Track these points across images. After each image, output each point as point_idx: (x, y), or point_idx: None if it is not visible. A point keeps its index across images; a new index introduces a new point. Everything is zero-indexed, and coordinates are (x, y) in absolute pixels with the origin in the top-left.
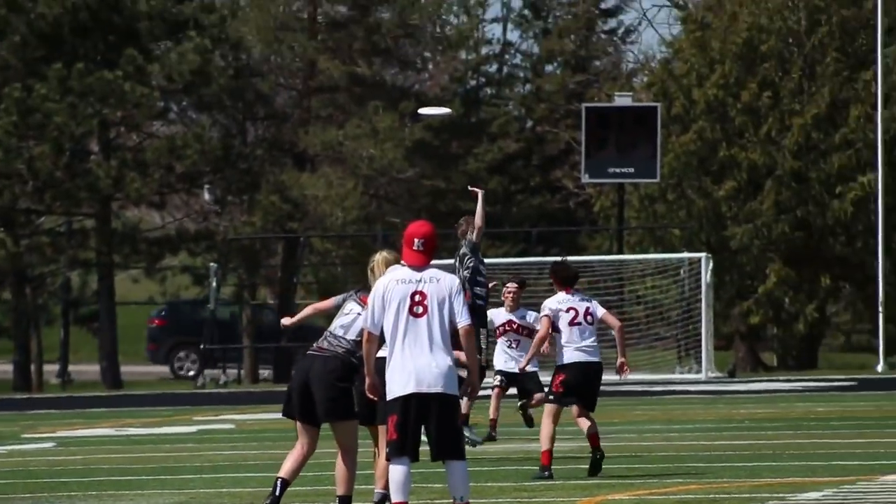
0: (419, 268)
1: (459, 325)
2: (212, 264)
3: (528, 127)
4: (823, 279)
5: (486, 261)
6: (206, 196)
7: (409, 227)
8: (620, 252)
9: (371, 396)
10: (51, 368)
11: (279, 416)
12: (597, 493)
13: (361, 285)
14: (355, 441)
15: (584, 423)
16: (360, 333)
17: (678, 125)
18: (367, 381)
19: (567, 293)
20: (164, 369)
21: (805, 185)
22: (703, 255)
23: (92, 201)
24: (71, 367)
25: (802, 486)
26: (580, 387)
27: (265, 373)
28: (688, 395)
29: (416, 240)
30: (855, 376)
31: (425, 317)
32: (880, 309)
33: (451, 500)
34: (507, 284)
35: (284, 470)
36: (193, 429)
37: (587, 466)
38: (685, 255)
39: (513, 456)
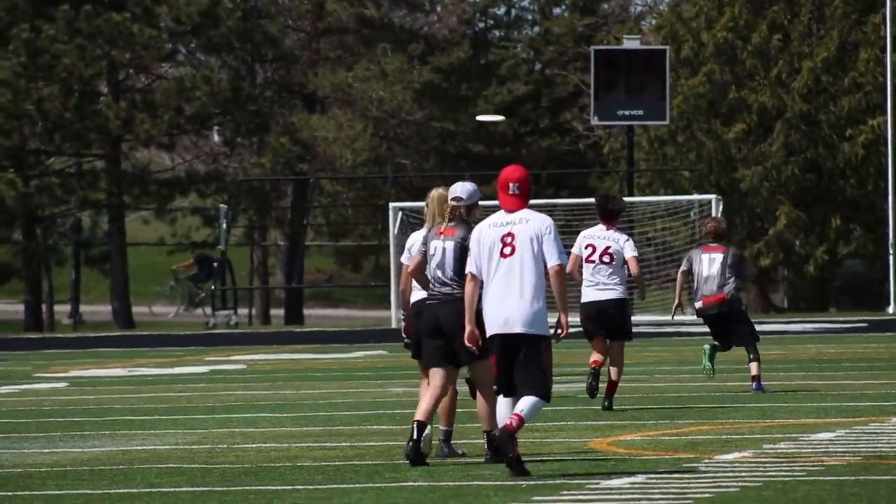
0: (513, 211)
1: (549, 265)
2: (222, 206)
3: (537, 69)
4: (834, 221)
5: (497, 202)
6: (216, 138)
7: (503, 171)
8: (631, 194)
9: (469, 345)
10: (62, 309)
11: (291, 356)
12: (608, 434)
13: (428, 226)
14: (492, 376)
15: (611, 369)
16: (454, 266)
17: (687, 68)
18: (468, 328)
19: (607, 228)
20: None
21: (815, 127)
22: (713, 196)
23: (101, 142)
24: (82, 308)
25: (814, 426)
26: (592, 325)
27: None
28: (699, 336)
29: (510, 184)
30: (866, 318)
31: (514, 257)
32: (891, 251)
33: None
34: None
35: (421, 412)
36: (205, 369)
37: (600, 408)
38: (695, 196)
39: None
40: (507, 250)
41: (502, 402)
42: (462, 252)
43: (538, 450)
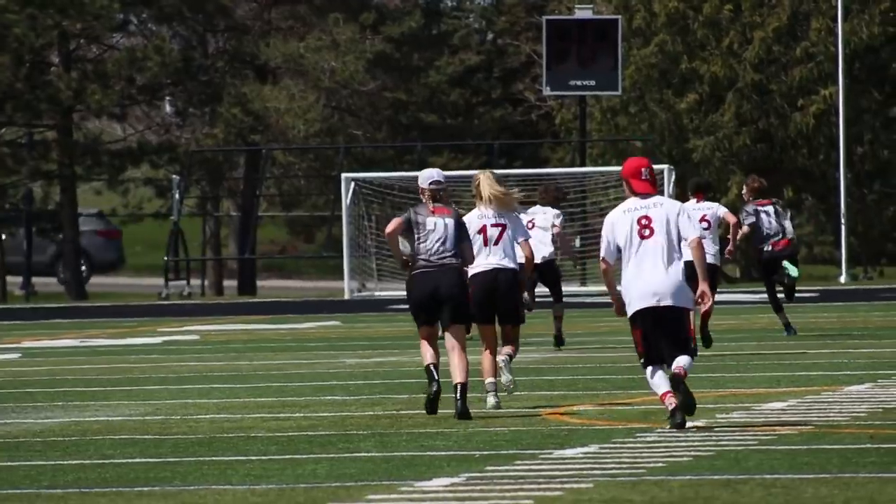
0: (645, 195)
1: (689, 239)
2: (174, 177)
3: (489, 39)
4: (786, 191)
5: (447, 173)
6: (167, 108)
7: (631, 161)
8: (583, 164)
9: (619, 315)
10: (14, 280)
11: (244, 326)
12: (561, 404)
13: (416, 204)
14: (463, 338)
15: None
16: (456, 243)
17: (639, 38)
18: (615, 305)
19: (697, 201)
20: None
21: (767, 97)
22: (665, 167)
23: (53, 113)
24: (35, 279)
25: (766, 396)
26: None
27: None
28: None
29: (643, 169)
30: (817, 287)
31: (652, 238)
32: (842, 221)
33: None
34: None
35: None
36: (158, 340)
37: (554, 378)
38: None
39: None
40: (647, 232)
41: (657, 374)
42: (460, 227)
43: (492, 421)
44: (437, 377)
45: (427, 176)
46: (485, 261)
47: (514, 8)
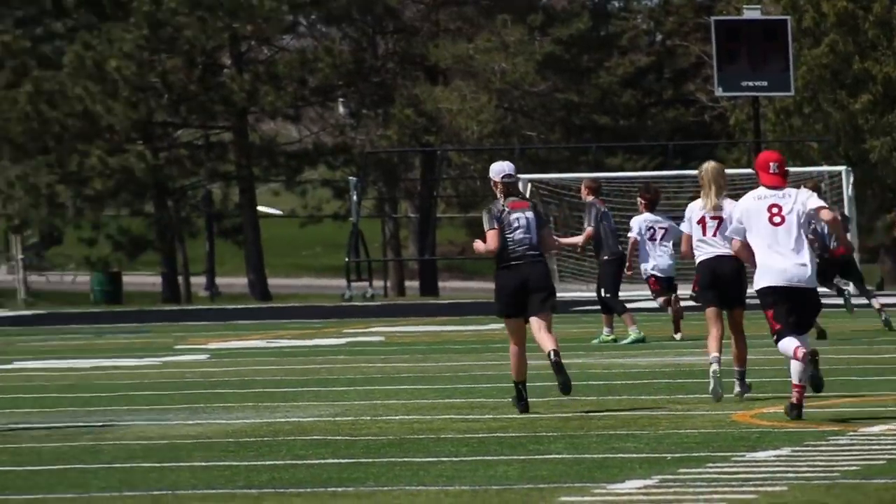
0: (775, 187)
1: (825, 218)
2: (351, 178)
3: (658, 40)
4: None
5: (623, 174)
6: (341, 110)
7: (762, 154)
8: None
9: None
10: (198, 281)
11: (428, 328)
12: (752, 407)
13: (492, 203)
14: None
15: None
16: (537, 233)
17: (809, 38)
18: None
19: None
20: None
21: None
22: (843, 168)
23: (227, 115)
24: (218, 280)
25: None
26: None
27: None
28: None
29: (771, 164)
30: None
31: (784, 225)
32: None
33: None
34: None
35: (519, 374)
36: (343, 341)
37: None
38: (825, 168)
39: (664, 369)
40: (777, 220)
41: (788, 339)
42: (539, 217)
43: (682, 423)
44: (525, 397)
45: (499, 169)
46: (708, 249)
47: (682, 9)
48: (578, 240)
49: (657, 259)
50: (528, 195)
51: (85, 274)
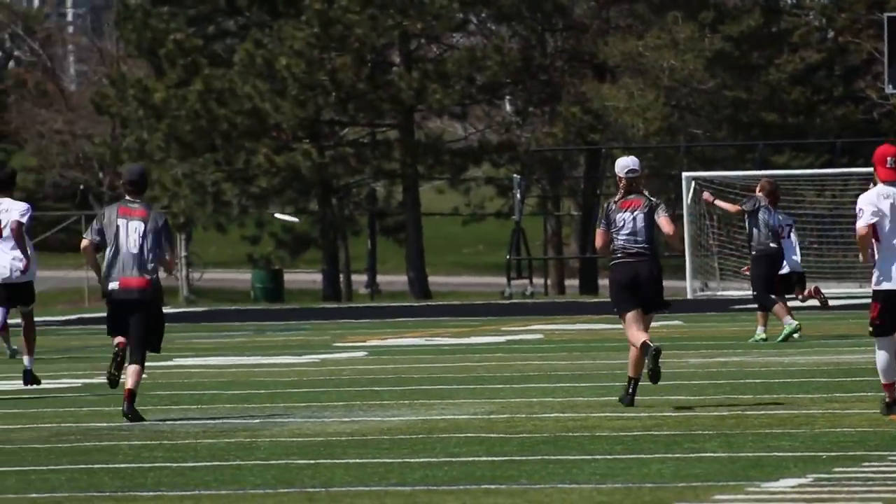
0: (889, 182)
1: None
2: (515, 176)
3: (830, 37)
4: None
5: (791, 172)
6: (508, 107)
7: (881, 148)
8: None
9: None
10: (359, 279)
11: (587, 326)
12: None
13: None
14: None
15: None
16: (646, 234)
17: None
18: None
19: None
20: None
21: None
22: None
23: (395, 112)
24: (378, 278)
25: None
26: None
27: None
28: None
29: (889, 158)
30: None
31: None
32: None
33: None
34: None
35: (636, 369)
36: (502, 339)
37: None
38: None
39: (823, 367)
40: None
41: (884, 356)
42: (651, 219)
43: (839, 421)
44: (633, 392)
45: (623, 165)
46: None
47: (855, 5)
48: (729, 207)
49: (787, 256)
50: (691, 193)
51: (215, 271)
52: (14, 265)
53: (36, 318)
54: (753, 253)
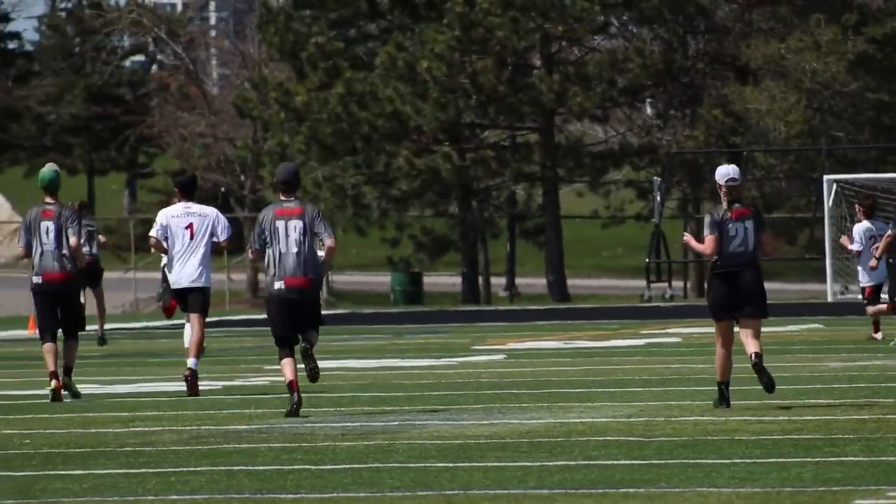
0: None
1: None
2: (655, 178)
3: None
4: None
5: None
6: (649, 110)
7: None
8: None
9: None
10: (498, 281)
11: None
12: None
13: (714, 208)
14: None
15: None
16: (753, 242)
17: None
18: None
19: None
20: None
21: None
22: None
23: (535, 115)
24: (517, 281)
25: None
26: None
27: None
28: None
29: None
30: None
31: None
32: None
33: None
34: None
35: (724, 375)
36: (641, 342)
37: None
38: None
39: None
40: None
41: None
42: (759, 224)
43: None
44: (727, 396)
45: (724, 173)
46: None
47: None
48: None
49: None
50: (832, 196)
51: (354, 274)
52: (194, 273)
53: (176, 322)
54: (890, 260)
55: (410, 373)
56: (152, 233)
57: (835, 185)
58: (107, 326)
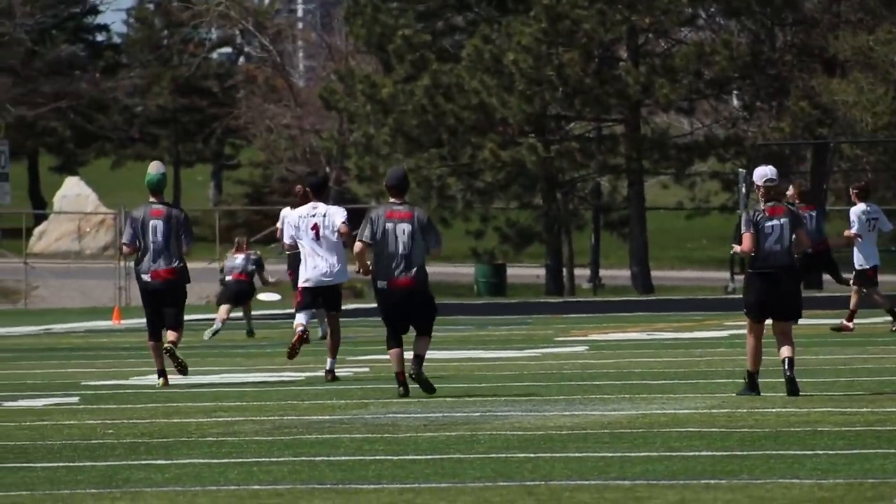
0: None
1: None
2: (741, 170)
3: None
4: None
5: None
6: (735, 102)
7: None
8: None
9: None
10: (581, 273)
11: (808, 321)
12: None
13: (753, 205)
14: None
15: None
16: (789, 240)
17: None
18: None
19: None
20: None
21: None
22: None
23: (621, 107)
24: (601, 272)
25: None
26: None
27: None
28: None
29: None
30: None
31: None
32: None
33: None
34: None
35: (755, 365)
36: (724, 333)
37: None
38: None
39: None
40: None
41: None
42: (794, 222)
43: None
44: (756, 383)
45: (762, 174)
46: None
47: None
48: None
49: (874, 251)
50: None
51: (439, 265)
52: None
53: (263, 312)
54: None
55: (493, 364)
56: (286, 239)
57: None
58: (192, 317)
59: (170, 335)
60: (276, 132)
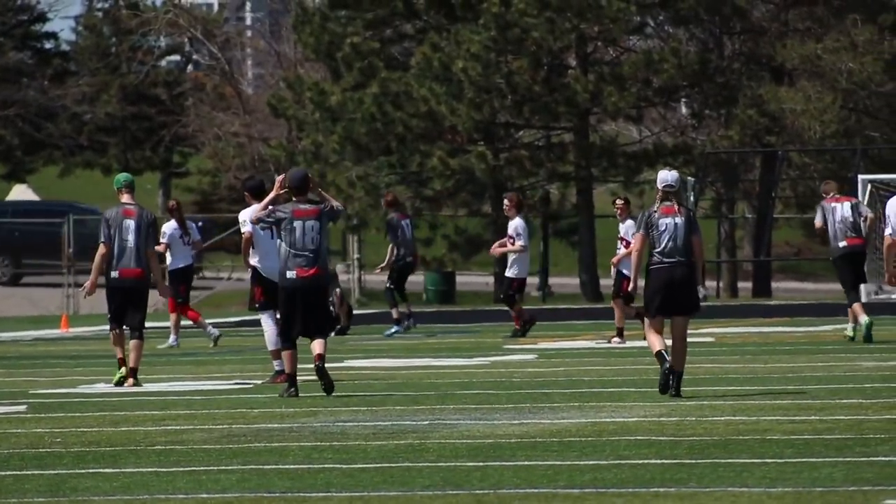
0: None
1: None
2: (689, 178)
3: None
4: None
5: None
6: (683, 110)
7: None
8: None
9: None
10: (531, 281)
11: (759, 329)
12: None
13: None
14: None
15: None
16: (684, 238)
17: None
18: None
19: None
20: None
21: None
22: None
23: (570, 115)
24: (551, 280)
25: None
26: None
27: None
28: None
29: None
30: None
31: None
32: None
33: None
34: None
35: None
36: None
37: None
38: None
39: None
40: None
41: None
42: (690, 223)
43: None
44: (668, 359)
45: (662, 179)
46: None
47: None
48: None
49: None
50: (867, 196)
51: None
52: None
53: (210, 320)
54: None
55: (442, 372)
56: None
57: (869, 186)
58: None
59: (133, 345)
60: (225, 140)
